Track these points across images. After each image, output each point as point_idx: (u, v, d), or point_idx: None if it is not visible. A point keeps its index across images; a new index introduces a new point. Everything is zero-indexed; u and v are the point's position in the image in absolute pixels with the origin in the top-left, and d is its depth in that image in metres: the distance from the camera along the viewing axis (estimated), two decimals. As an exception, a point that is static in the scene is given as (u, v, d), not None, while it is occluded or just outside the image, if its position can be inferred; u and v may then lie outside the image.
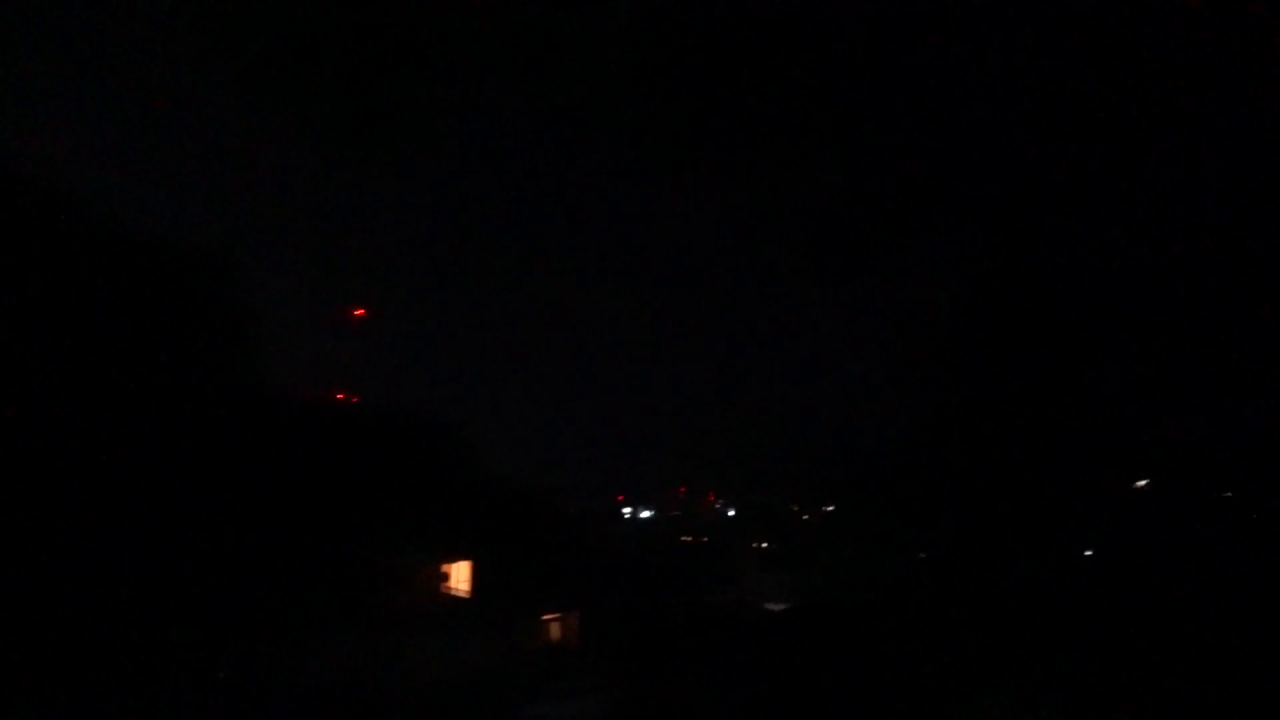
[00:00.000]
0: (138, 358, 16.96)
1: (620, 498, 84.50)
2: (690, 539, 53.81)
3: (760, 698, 24.15)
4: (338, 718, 17.20)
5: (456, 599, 25.35)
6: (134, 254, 18.01)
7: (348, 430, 26.97)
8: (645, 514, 75.22)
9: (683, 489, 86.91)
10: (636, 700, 23.48)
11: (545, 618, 27.24)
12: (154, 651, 13.03)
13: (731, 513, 64.34)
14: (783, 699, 24.00)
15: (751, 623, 36.28)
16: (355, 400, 34.18)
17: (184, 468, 16.30)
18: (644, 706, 23.22)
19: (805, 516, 59.08)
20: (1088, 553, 30.44)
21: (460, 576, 25.67)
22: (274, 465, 21.31)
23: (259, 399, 22.87)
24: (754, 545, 50.74)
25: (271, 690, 16.09)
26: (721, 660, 27.69)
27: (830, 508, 65.24)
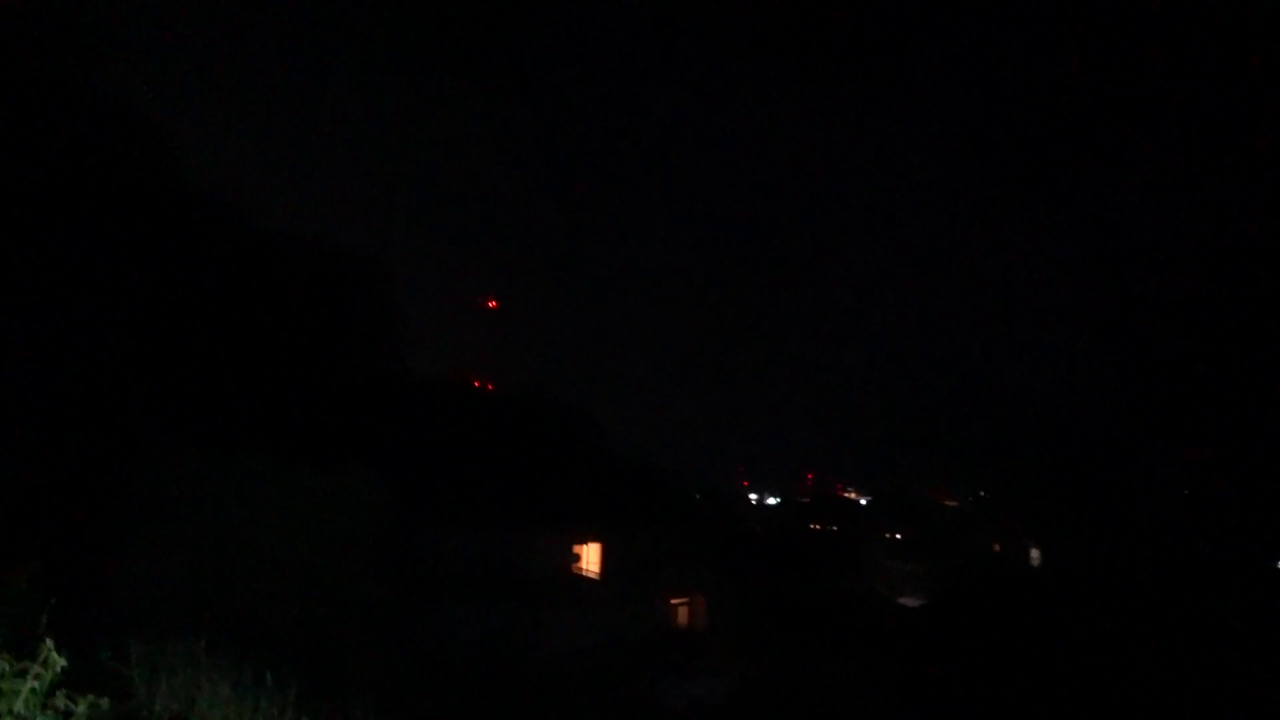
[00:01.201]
0: (309, 344, 18.77)
1: (745, 483, 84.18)
2: (819, 526, 52.58)
3: (890, 697, 23.20)
4: (486, 681, 18.29)
5: (587, 579, 26.07)
6: (304, 255, 20.03)
7: (485, 414, 28.35)
8: (771, 500, 74.35)
9: (810, 476, 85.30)
10: (762, 686, 23.23)
11: (673, 601, 27.46)
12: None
13: (864, 500, 62.32)
14: (913, 701, 22.88)
15: (882, 617, 34.94)
16: (490, 388, 35.88)
17: (343, 443, 17.87)
18: (769, 693, 22.94)
19: (947, 503, 56.10)
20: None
21: (590, 558, 26.36)
22: (417, 443, 22.82)
23: (406, 382, 24.52)
24: (887, 535, 48.84)
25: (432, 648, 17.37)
26: (849, 655, 26.89)
27: (954, 501, 61.45)
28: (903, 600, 39.54)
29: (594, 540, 26.30)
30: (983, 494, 63.16)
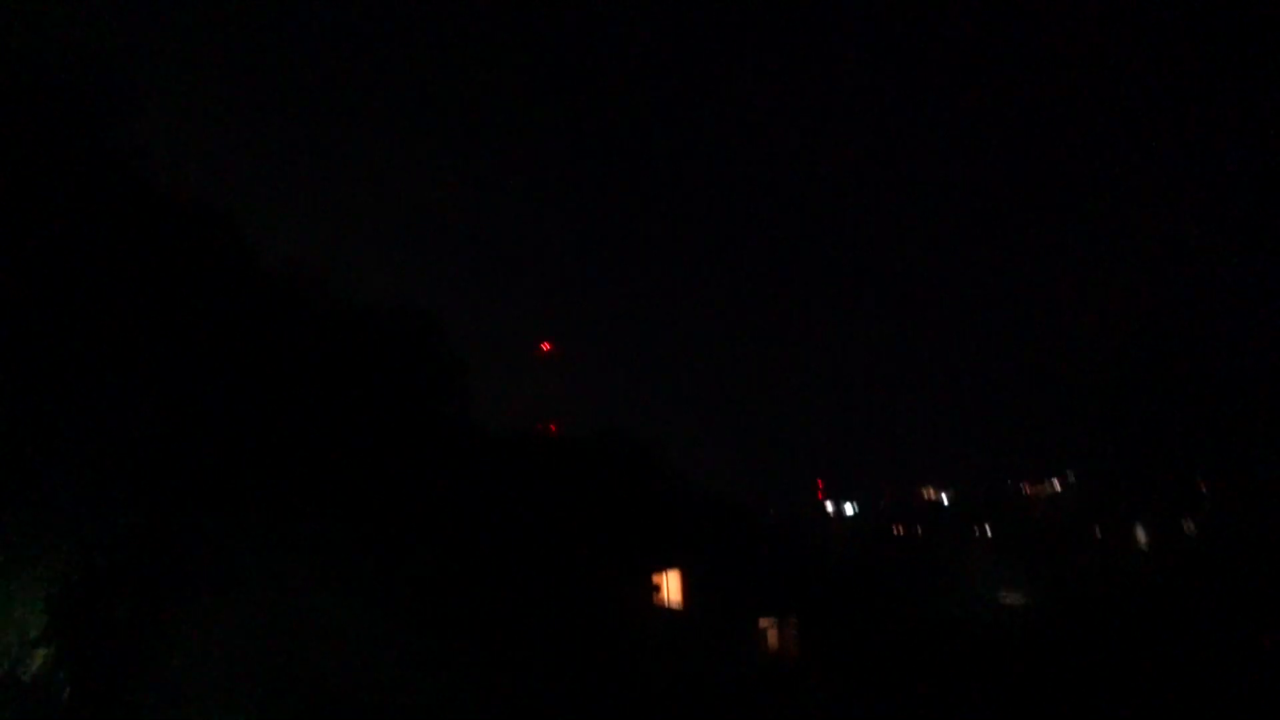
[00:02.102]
0: (372, 405, 18.93)
1: (820, 495, 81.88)
2: (902, 530, 50.50)
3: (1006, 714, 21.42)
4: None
5: (669, 610, 25.26)
6: (360, 318, 20.37)
7: (552, 459, 28.04)
8: (850, 509, 72.00)
9: (885, 486, 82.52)
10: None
11: (761, 625, 26.38)
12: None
13: (945, 498, 59.69)
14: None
15: (985, 623, 32.91)
16: (554, 429, 35.68)
17: (417, 497, 17.85)
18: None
19: (1034, 491, 53.18)
20: None
21: (671, 587, 25.58)
22: (488, 495, 22.59)
23: (473, 435, 24.48)
24: (975, 531, 46.47)
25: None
26: (956, 670, 25.25)
27: (1042, 488, 57.96)
28: (1002, 597, 37.41)
29: (672, 568, 25.54)
30: (1071, 477, 59.88)
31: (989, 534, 45.70)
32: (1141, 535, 36.80)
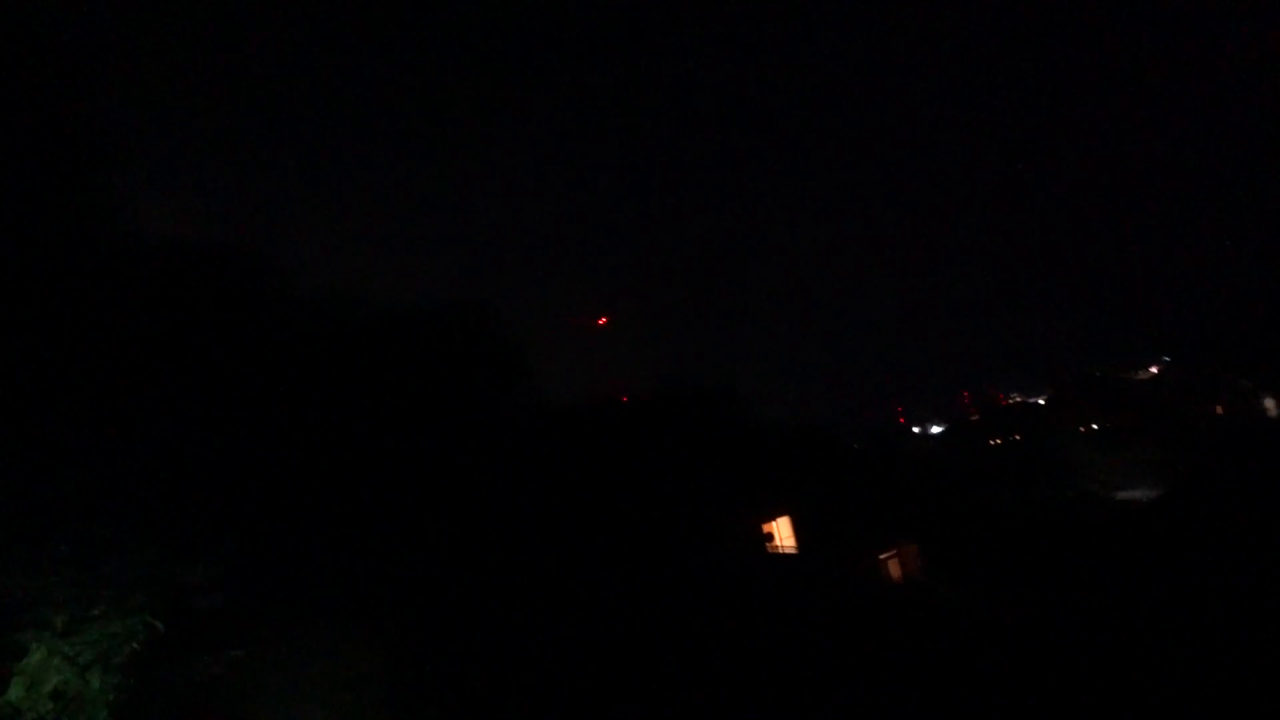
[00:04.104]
0: (446, 411, 18.90)
1: (901, 420, 79.95)
2: (999, 441, 48.59)
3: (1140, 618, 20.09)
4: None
5: (784, 556, 24.67)
6: (408, 323, 20.42)
7: (631, 427, 27.50)
8: (935, 429, 69.85)
9: (966, 394, 79.94)
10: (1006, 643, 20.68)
11: (881, 556, 25.52)
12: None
13: (1040, 400, 57.05)
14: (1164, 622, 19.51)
15: (1106, 522, 31.35)
16: (624, 399, 35.17)
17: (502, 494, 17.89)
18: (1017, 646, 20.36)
19: (1139, 377, 50.24)
20: None
21: (783, 533, 24.98)
22: (576, 476, 22.28)
23: (543, 417, 24.24)
24: (1081, 428, 44.22)
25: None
26: (1083, 572, 24.10)
27: (1145, 373, 54.62)
28: (1123, 495, 35.64)
29: (781, 515, 24.89)
30: (1167, 358, 56.67)
31: (1095, 429, 43.42)
32: (1271, 405, 34.27)
